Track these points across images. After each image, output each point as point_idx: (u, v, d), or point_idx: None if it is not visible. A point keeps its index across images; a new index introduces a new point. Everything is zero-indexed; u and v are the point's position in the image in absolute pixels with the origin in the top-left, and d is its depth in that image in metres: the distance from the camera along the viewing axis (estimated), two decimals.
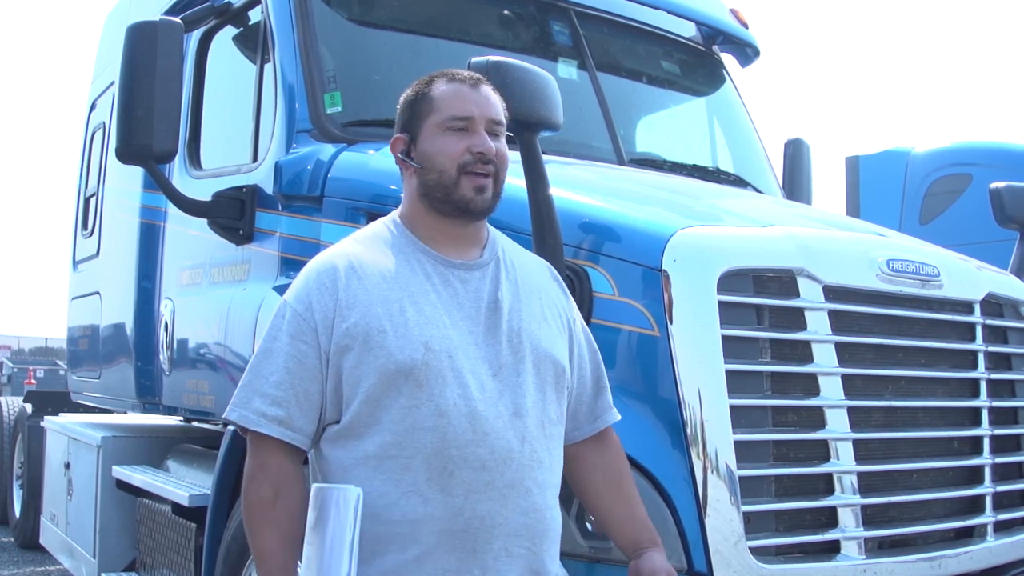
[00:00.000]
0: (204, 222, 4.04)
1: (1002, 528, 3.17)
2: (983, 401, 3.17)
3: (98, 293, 5.84)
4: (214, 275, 4.28)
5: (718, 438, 2.59)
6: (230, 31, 4.50)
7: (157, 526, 4.59)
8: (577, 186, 3.26)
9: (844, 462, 2.77)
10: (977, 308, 3.20)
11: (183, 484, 4.37)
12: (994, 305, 3.33)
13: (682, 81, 5.08)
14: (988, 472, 3.14)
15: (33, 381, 19.13)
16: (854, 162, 9.70)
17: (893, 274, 2.97)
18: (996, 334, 3.32)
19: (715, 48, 5.16)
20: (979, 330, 3.20)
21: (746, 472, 2.61)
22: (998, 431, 3.20)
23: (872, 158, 9.66)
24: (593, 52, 4.39)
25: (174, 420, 5.68)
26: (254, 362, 2.12)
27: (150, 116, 3.60)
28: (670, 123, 5.11)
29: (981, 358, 3.19)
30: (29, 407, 8.54)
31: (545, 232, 2.66)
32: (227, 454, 3.43)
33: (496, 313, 2.14)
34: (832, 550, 2.75)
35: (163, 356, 4.66)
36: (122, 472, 4.99)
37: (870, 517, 2.82)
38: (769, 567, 2.61)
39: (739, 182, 4.74)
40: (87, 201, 6.38)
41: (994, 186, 3.76)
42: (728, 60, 5.26)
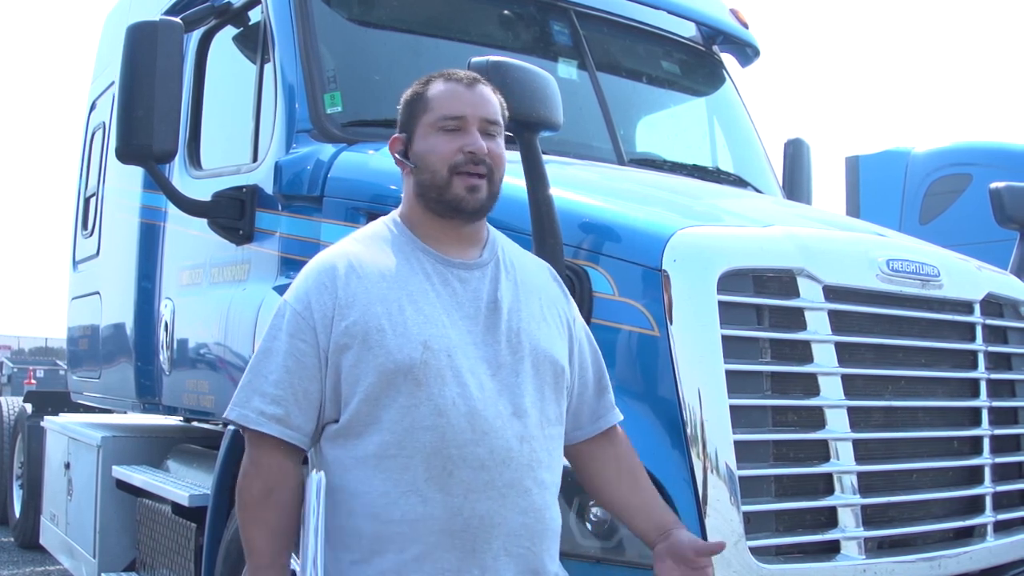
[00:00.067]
0: (204, 222, 4.04)
1: (1002, 528, 3.17)
2: (983, 401, 3.17)
3: (98, 293, 5.84)
4: (214, 275, 4.28)
5: (718, 438, 2.59)
6: (230, 31, 4.50)
7: (157, 526, 4.59)
8: (577, 186, 3.26)
9: (844, 462, 2.77)
10: (977, 308, 3.20)
11: (183, 484, 4.37)
12: (994, 305, 3.33)
13: (682, 81, 5.09)
14: (988, 472, 3.14)
15: (33, 381, 19.12)
16: (854, 162, 9.70)
17: (893, 274, 2.97)
18: (996, 334, 3.32)
19: (715, 48, 5.16)
20: (979, 330, 3.20)
21: (746, 472, 2.61)
22: (998, 431, 3.20)
23: (872, 158, 9.67)
24: (593, 52, 4.39)
25: (174, 420, 5.68)
26: (254, 362, 2.13)
27: (150, 116, 3.60)
28: (670, 123, 5.11)
29: (981, 358, 3.19)
30: (29, 407, 8.54)
31: (545, 232, 2.66)
32: (227, 454, 3.43)
33: (495, 313, 2.14)
34: (832, 550, 2.75)
35: (163, 356, 4.66)
36: (122, 472, 4.99)
37: (870, 517, 2.82)
38: (769, 567, 2.61)
39: (739, 182, 4.74)
40: (87, 201, 6.38)
41: (994, 186, 3.77)
42: (728, 60, 5.26)
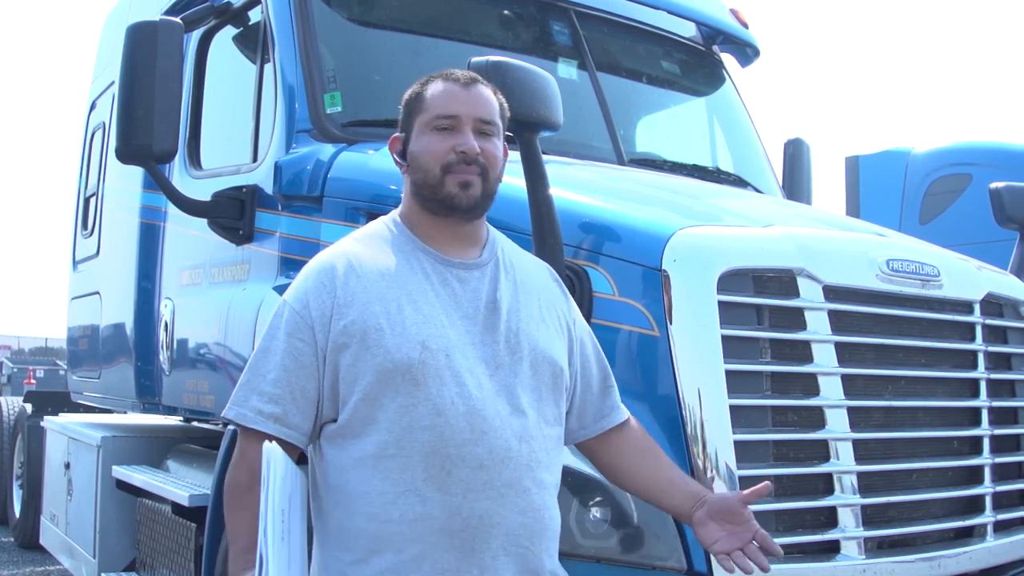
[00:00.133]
0: (204, 222, 4.04)
1: (1002, 528, 3.17)
2: (983, 401, 3.17)
3: (98, 293, 5.84)
4: (214, 275, 4.28)
5: (718, 438, 2.59)
6: (230, 31, 4.50)
7: (157, 526, 4.59)
8: (577, 186, 3.26)
9: (844, 462, 2.78)
10: (977, 308, 3.21)
11: (183, 484, 4.37)
12: (994, 305, 3.33)
13: (682, 81, 5.09)
14: (988, 472, 3.14)
15: (33, 381, 19.12)
16: (854, 162, 9.70)
17: (893, 274, 2.97)
18: (996, 334, 3.32)
19: (715, 48, 5.16)
20: (979, 330, 3.20)
21: (746, 472, 2.61)
22: (998, 431, 3.20)
23: (872, 158, 9.67)
24: (593, 52, 4.39)
25: (174, 420, 5.68)
26: (252, 361, 2.13)
27: (150, 116, 3.60)
28: (670, 123, 5.11)
29: (981, 358, 3.20)
30: (29, 407, 8.53)
31: (545, 232, 2.67)
32: (227, 454, 3.42)
33: (494, 313, 2.14)
34: (832, 550, 2.75)
35: (163, 356, 4.66)
36: (122, 472, 4.99)
37: (870, 517, 2.82)
38: (769, 567, 2.61)
39: (739, 182, 4.74)
40: (87, 201, 6.38)
41: (994, 186, 3.77)
42: (728, 60, 5.26)
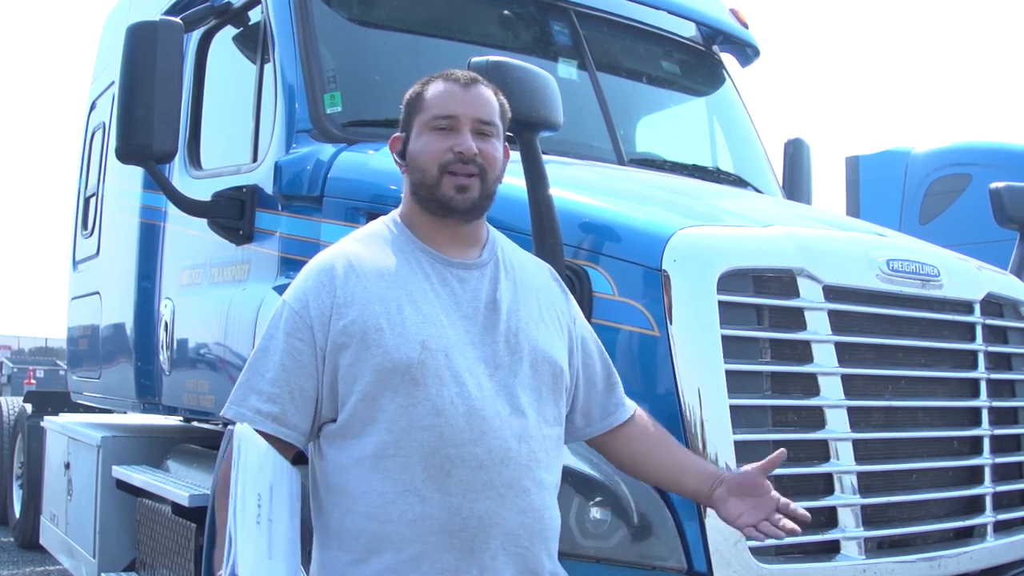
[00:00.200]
0: (204, 222, 4.04)
1: (1002, 528, 3.17)
2: (983, 401, 3.17)
3: (98, 293, 5.84)
4: (214, 275, 4.28)
5: (718, 438, 2.59)
6: (230, 31, 4.50)
7: (157, 526, 4.59)
8: (577, 186, 3.26)
9: (844, 462, 2.77)
10: (977, 308, 3.20)
11: (183, 484, 4.37)
12: (994, 305, 3.33)
13: (682, 81, 5.08)
14: (988, 472, 3.14)
15: (33, 381, 19.11)
16: (854, 162, 9.70)
17: (893, 274, 2.97)
18: (996, 334, 3.32)
19: (715, 48, 5.16)
20: (979, 330, 3.20)
21: None
22: (998, 431, 3.20)
23: (872, 158, 9.66)
24: (593, 52, 4.39)
25: (174, 420, 5.68)
26: (251, 360, 2.13)
27: (150, 116, 3.60)
28: (670, 123, 5.11)
29: (981, 358, 3.19)
30: (29, 407, 8.53)
31: (545, 232, 2.67)
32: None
33: (494, 313, 2.14)
34: (832, 550, 2.75)
35: (163, 356, 4.66)
36: (122, 472, 4.99)
37: (870, 517, 2.82)
38: (769, 567, 2.61)
39: (739, 182, 4.74)
40: (87, 201, 6.38)
41: (994, 186, 3.77)
42: (728, 60, 5.26)
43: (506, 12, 4.45)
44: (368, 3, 4.36)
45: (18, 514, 8.54)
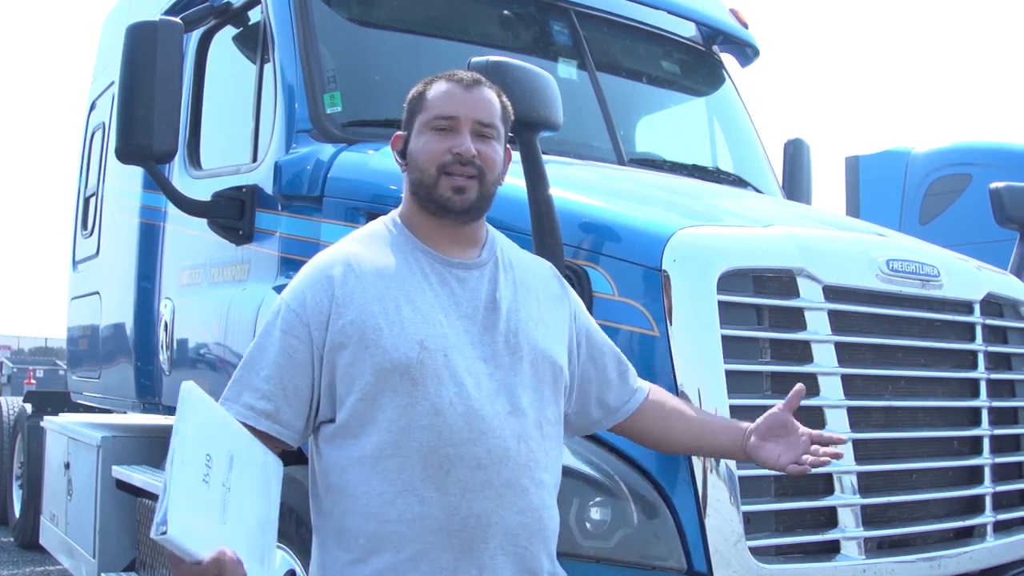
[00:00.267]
0: (204, 222, 4.04)
1: (1002, 528, 3.17)
2: (983, 401, 3.17)
3: (98, 293, 5.84)
4: (214, 275, 4.28)
5: None
6: (230, 31, 4.49)
7: None
8: (577, 186, 3.26)
9: (844, 462, 2.77)
10: (977, 308, 3.20)
11: None
12: (994, 305, 3.33)
13: (682, 81, 5.08)
14: (988, 472, 3.14)
15: (33, 381, 19.09)
16: (854, 162, 9.70)
17: (893, 274, 2.97)
18: (996, 334, 3.32)
19: (715, 48, 5.16)
20: (979, 330, 3.20)
21: (746, 472, 2.61)
22: (998, 431, 3.20)
23: (872, 158, 9.66)
24: (593, 52, 4.39)
25: (174, 420, 5.67)
26: (247, 357, 2.14)
27: (150, 116, 3.60)
28: (670, 123, 5.11)
29: (981, 358, 3.19)
30: (29, 407, 8.54)
31: (545, 232, 2.66)
32: None
33: (494, 313, 2.14)
34: (832, 550, 2.75)
35: (163, 356, 4.66)
36: (122, 472, 4.99)
37: (870, 517, 2.82)
38: (769, 567, 2.61)
39: (739, 182, 4.74)
40: (87, 201, 6.38)
41: (994, 186, 3.76)
42: (728, 60, 5.26)
43: (506, 12, 4.44)
44: (368, 3, 4.36)
45: (18, 514, 8.54)
